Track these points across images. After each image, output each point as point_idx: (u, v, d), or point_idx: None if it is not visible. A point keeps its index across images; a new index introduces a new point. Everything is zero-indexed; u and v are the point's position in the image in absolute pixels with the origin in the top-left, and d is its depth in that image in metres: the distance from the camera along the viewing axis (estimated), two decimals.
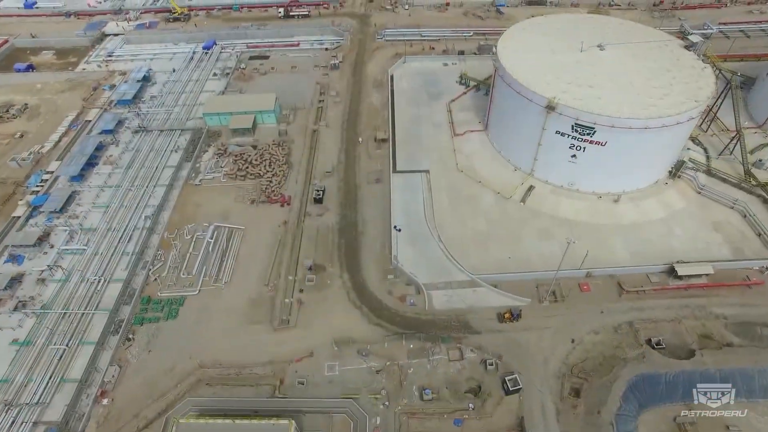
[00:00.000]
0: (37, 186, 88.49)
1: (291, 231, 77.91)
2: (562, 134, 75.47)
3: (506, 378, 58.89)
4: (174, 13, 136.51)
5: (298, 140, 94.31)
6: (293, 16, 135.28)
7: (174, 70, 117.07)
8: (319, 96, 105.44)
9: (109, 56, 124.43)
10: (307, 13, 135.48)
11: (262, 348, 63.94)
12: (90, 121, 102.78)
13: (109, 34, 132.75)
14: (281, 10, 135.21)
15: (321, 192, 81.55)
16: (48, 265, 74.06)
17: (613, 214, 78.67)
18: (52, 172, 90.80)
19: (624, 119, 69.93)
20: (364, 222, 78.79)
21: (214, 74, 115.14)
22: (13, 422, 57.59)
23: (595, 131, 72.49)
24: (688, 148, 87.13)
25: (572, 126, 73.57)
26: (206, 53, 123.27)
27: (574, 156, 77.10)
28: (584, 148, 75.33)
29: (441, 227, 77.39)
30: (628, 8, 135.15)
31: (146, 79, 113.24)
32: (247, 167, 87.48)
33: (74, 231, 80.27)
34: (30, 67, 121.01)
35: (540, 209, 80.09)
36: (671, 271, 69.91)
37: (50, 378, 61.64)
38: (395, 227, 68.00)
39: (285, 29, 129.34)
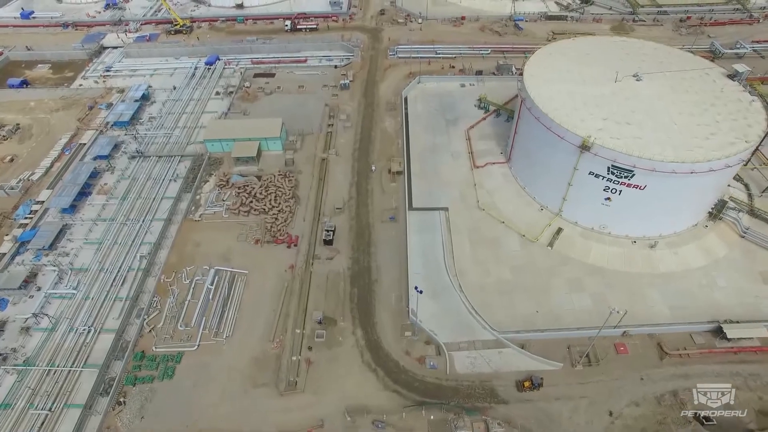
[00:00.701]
0: (26, 218, 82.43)
1: (298, 276, 71.58)
2: (597, 176, 68.93)
3: None
4: (176, 25, 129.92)
5: (306, 170, 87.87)
6: (300, 30, 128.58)
7: (174, 88, 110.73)
8: (328, 119, 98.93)
9: (107, 71, 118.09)
10: (315, 26, 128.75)
11: (266, 416, 57.75)
12: (84, 144, 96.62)
13: (108, 47, 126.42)
14: (288, 23, 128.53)
15: (331, 233, 75.12)
16: (33, 313, 67.90)
17: (649, 261, 72.10)
18: (42, 203, 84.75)
19: (667, 163, 63.29)
20: (378, 268, 72.38)
21: (217, 93, 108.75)
22: None
23: (633, 174, 65.91)
24: (728, 185, 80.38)
25: (608, 168, 67.00)
26: (208, 69, 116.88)
27: (608, 199, 70.54)
28: (620, 191, 68.76)
29: (462, 274, 71.02)
30: (654, 24, 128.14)
31: (145, 98, 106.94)
32: (251, 201, 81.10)
33: (63, 271, 74.13)
34: (24, 83, 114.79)
35: (569, 255, 73.55)
36: (718, 331, 63.40)
37: None
38: (416, 288, 61.61)
39: (292, 44, 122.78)
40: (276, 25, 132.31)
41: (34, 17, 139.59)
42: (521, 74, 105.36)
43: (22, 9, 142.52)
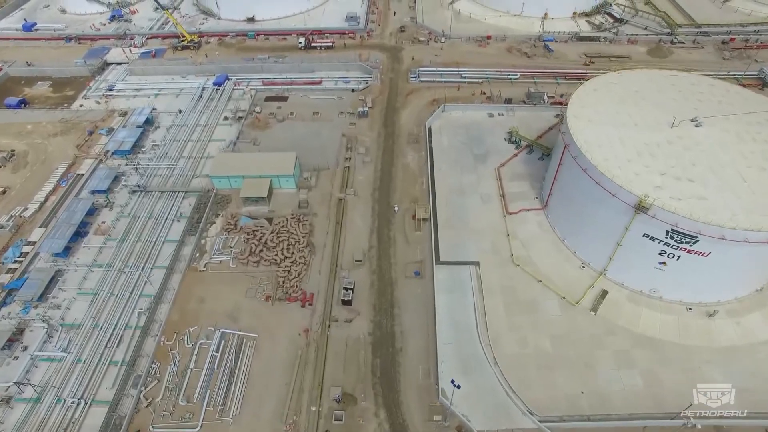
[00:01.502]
0: (15, 261, 75.56)
1: (314, 342, 64.08)
2: (652, 238, 60.95)
3: None
4: (183, 40, 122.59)
5: (321, 212, 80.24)
6: (315, 47, 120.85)
7: (180, 111, 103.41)
8: (345, 152, 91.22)
9: (110, 90, 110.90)
10: (330, 44, 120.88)
11: None
12: (82, 174, 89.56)
13: (112, 63, 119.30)
14: (302, 39, 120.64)
15: (350, 291, 67.55)
16: (15, 382, 60.80)
17: (708, 332, 63.99)
18: (33, 243, 77.82)
19: (739, 231, 55.20)
20: (403, 334, 64.74)
21: (225, 118, 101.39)
22: None
23: (697, 241, 57.87)
24: None
25: (667, 232, 58.98)
26: (217, 90, 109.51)
27: (663, 263, 62.56)
28: (678, 256, 60.77)
29: (496, 344, 63.31)
30: (694, 47, 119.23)
31: (148, 122, 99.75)
32: (261, 250, 73.68)
33: (53, 327, 67.12)
34: (22, 103, 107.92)
35: (615, 322, 65.59)
36: None
37: None
38: (452, 382, 53.82)
39: (306, 63, 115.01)
40: (289, 42, 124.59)
41: (36, 29, 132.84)
42: (554, 103, 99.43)
43: (25, 20, 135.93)
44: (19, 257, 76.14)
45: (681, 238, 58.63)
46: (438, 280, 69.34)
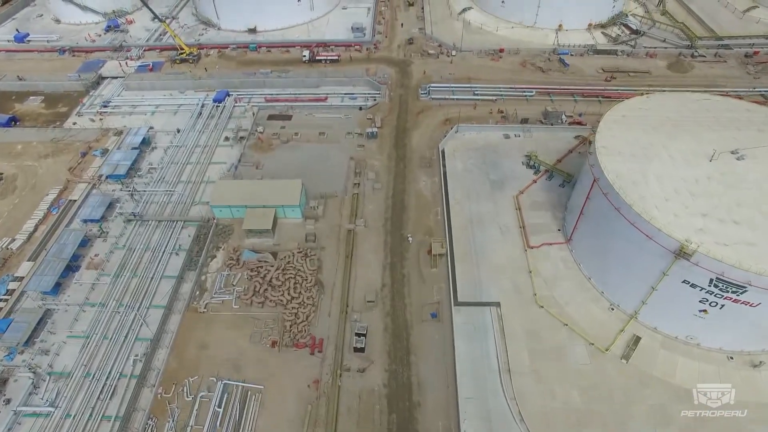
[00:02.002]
0: (0, 300, 70.33)
1: (324, 395, 58.96)
2: (693, 285, 55.92)
3: None
4: (181, 53, 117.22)
5: (330, 246, 75.06)
6: (320, 61, 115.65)
7: (178, 131, 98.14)
8: (354, 177, 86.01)
9: (104, 107, 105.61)
10: (336, 57, 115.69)
11: None
12: (74, 200, 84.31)
13: (107, 77, 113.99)
14: (306, 52, 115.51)
15: (363, 337, 62.46)
16: None
17: (753, 386, 58.91)
18: (21, 279, 72.67)
19: None
20: (421, 385, 59.65)
21: (226, 138, 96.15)
22: None
23: (746, 291, 52.84)
24: None
25: (711, 280, 53.95)
26: (217, 107, 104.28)
27: (703, 311, 57.55)
28: (722, 305, 55.76)
29: (521, 397, 58.24)
30: (716, 60, 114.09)
31: (145, 143, 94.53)
32: (266, 290, 68.55)
33: (41, 377, 61.97)
34: (12, 120, 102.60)
35: (649, 372, 60.48)
36: None
37: None
38: None
39: (310, 78, 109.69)
40: (292, 54, 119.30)
41: (28, 40, 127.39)
42: (572, 123, 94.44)
43: (17, 30, 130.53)
44: (4, 295, 71.03)
45: (727, 287, 53.58)
46: (457, 324, 64.21)
